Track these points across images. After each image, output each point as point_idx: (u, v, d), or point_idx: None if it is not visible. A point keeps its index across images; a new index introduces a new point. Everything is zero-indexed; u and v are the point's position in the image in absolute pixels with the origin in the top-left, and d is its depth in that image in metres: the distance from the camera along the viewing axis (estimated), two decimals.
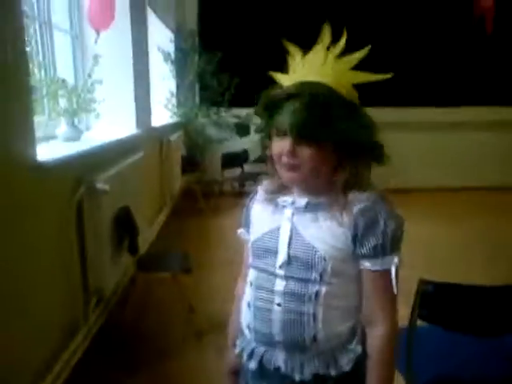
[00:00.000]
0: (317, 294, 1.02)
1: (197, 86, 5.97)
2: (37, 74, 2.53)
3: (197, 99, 6.02)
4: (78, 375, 2.15)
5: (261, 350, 1.10)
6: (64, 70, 2.95)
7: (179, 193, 5.40)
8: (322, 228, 1.03)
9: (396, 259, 1.02)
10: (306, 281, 1.03)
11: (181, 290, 2.66)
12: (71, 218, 2.19)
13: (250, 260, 1.14)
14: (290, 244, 1.04)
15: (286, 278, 1.04)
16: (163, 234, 4.38)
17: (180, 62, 5.70)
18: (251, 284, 1.12)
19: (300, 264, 1.03)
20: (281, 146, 1.02)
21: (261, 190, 1.16)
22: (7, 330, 1.68)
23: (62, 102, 2.66)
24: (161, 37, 5.24)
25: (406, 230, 1.05)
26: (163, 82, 5.36)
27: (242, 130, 5.65)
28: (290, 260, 1.04)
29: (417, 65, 6.20)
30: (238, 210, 1.24)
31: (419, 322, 1.45)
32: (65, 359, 2.11)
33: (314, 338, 1.03)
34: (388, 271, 1.03)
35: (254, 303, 1.09)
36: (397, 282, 1.04)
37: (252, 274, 1.13)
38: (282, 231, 1.06)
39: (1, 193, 1.63)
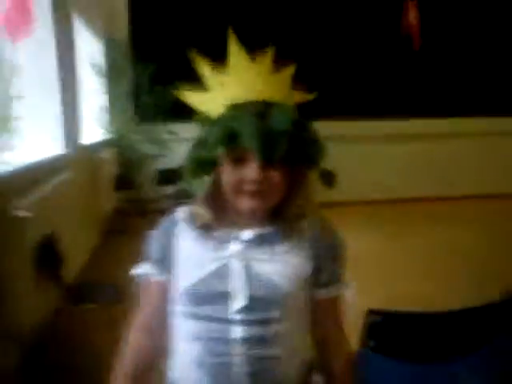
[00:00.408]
0: (279, 333, 0.93)
1: (130, 101, 5.73)
2: None
3: (130, 114, 5.77)
4: None
5: None
6: None
7: (112, 213, 5.13)
8: (279, 261, 0.95)
9: (353, 283, 1.03)
10: (267, 322, 0.93)
11: (112, 323, 2.44)
12: None
13: (182, 308, 0.96)
14: (247, 283, 0.92)
15: (244, 322, 0.92)
16: (94, 258, 4.10)
17: (112, 74, 5.45)
18: (193, 338, 0.94)
19: (261, 305, 0.92)
20: (242, 172, 0.91)
21: (184, 222, 1.00)
22: None
23: None
24: (91, 48, 4.98)
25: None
26: (94, 96, 5.09)
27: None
28: (250, 303, 0.91)
29: (348, 79, 6.31)
30: None
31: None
32: None
33: (280, 382, 0.95)
34: (342, 294, 1.04)
35: (205, 360, 0.93)
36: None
37: (190, 326, 0.95)
38: (233, 271, 0.93)
39: None
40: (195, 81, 0.96)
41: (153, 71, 5.42)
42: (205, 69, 0.95)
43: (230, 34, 0.93)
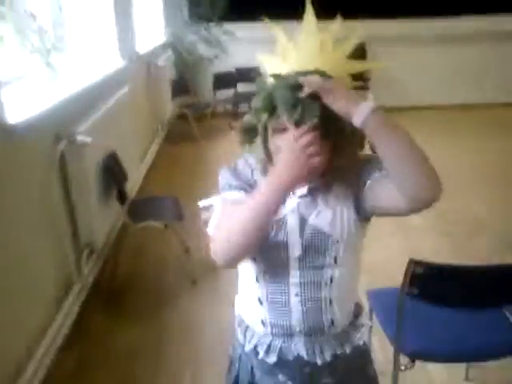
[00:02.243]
0: (331, 278, 1.03)
1: (185, 1, 5.54)
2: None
3: (185, 15, 5.61)
4: (79, 327, 2.22)
5: (278, 342, 1.08)
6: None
7: (170, 119, 5.22)
8: (328, 209, 1.00)
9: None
10: (321, 267, 1.02)
11: (174, 238, 2.64)
12: (53, 175, 2.09)
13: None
14: (302, 235, 1.00)
15: (301, 268, 1.02)
16: (156, 165, 4.30)
17: None
18: (257, 279, 1.06)
19: (314, 252, 1.01)
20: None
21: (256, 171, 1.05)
22: (7, 293, 1.68)
23: (33, 40, 2.44)
24: None
25: None
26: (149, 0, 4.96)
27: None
28: (305, 251, 1.01)
29: None
30: (232, 133, 1.11)
31: None
32: (64, 312, 2.15)
33: (332, 321, 1.05)
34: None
35: (268, 298, 1.05)
36: None
37: (256, 269, 1.06)
38: (290, 223, 1.01)
39: None
40: None
41: None
42: (279, 35, 0.98)
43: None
